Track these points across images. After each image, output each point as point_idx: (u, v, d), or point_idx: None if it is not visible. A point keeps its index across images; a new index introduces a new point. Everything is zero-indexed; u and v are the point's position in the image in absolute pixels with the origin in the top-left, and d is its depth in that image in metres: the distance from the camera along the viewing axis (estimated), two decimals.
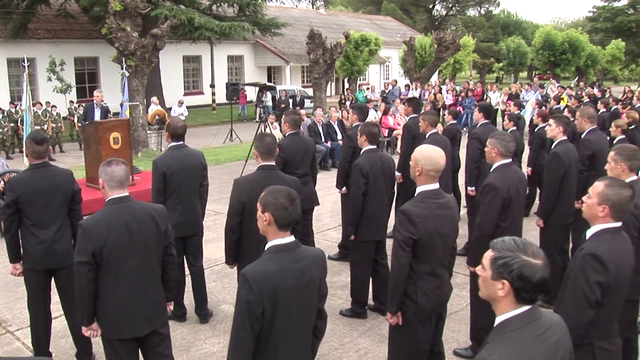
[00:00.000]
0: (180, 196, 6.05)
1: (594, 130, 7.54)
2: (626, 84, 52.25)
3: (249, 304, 2.91)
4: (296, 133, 6.91)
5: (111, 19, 17.44)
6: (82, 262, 3.87)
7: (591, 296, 3.21)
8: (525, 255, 2.20)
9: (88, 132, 11.99)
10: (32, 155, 5.14)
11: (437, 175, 4.04)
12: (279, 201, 3.06)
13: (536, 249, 2.24)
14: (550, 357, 2.19)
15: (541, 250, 2.25)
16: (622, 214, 3.33)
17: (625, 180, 4.55)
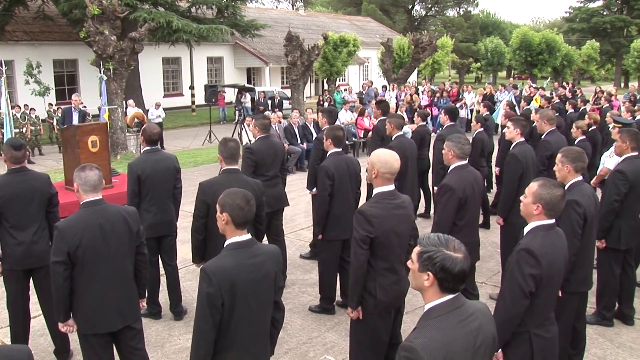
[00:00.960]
0: (154, 198, 6.30)
1: (553, 132, 7.88)
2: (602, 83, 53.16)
3: (209, 296, 3.19)
4: (266, 136, 7.17)
5: (89, 23, 17.57)
6: (58, 261, 4.12)
7: (525, 287, 3.51)
8: (447, 249, 2.48)
9: (67, 136, 12.13)
10: (10, 160, 5.38)
11: (392, 177, 4.31)
12: (235, 202, 3.34)
13: (457, 244, 2.52)
14: (470, 340, 2.48)
15: (462, 245, 2.54)
16: (554, 212, 3.64)
17: (571, 180, 4.90)
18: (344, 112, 20.05)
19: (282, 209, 7.61)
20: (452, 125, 8.76)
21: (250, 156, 6.93)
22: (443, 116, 8.88)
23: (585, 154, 5.09)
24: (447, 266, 2.44)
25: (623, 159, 6.23)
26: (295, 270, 8.13)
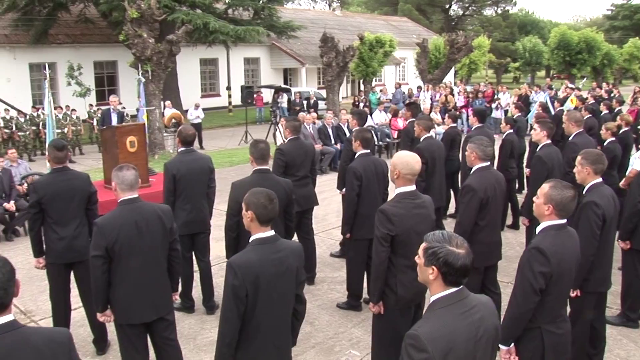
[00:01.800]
0: (188, 197, 6.57)
1: (581, 134, 7.94)
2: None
3: (234, 288, 3.41)
4: (296, 138, 7.39)
5: (128, 26, 18.03)
6: (96, 255, 4.40)
7: (535, 284, 3.66)
8: (450, 245, 2.65)
9: (106, 136, 12.52)
10: (53, 160, 5.71)
11: (413, 178, 4.49)
12: (259, 201, 3.56)
13: (460, 240, 2.69)
14: (472, 330, 2.65)
15: (466, 241, 2.71)
16: (565, 213, 3.77)
17: (591, 182, 5.02)
18: (379, 112, 20.21)
19: (311, 208, 7.79)
20: (481, 126, 8.88)
21: (281, 157, 7.17)
22: (472, 117, 9.01)
23: (605, 157, 5.18)
24: (450, 261, 2.61)
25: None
26: (325, 268, 8.33)
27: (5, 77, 27.23)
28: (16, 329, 2.54)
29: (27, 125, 20.13)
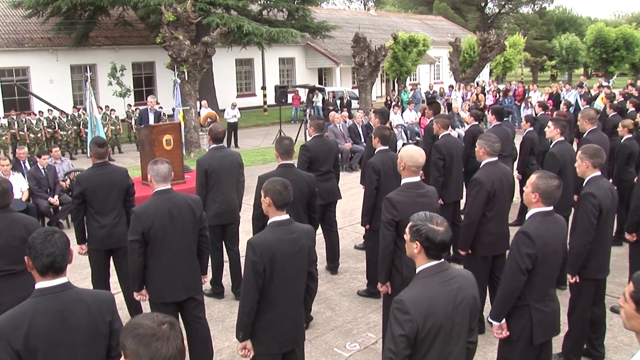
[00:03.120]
0: (219, 190, 7.08)
1: (595, 131, 8.23)
2: None
3: (253, 263, 3.89)
4: (320, 135, 7.86)
5: (165, 29, 18.70)
6: (134, 240, 4.92)
7: (522, 264, 4.05)
8: (430, 224, 3.08)
9: (143, 135, 13.14)
10: (95, 156, 6.29)
11: (417, 170, 4.93)
12: (275, 188, 4.03)
13: (440, 220, 3.11)
14: (451, 297, 3.07)
15: (445, 220, 3.13)
16: (550, 200, 4.16)
17: (590, 175, 5.38)
18: (409, 111, 20.55)
19: (335, 201, 8.23)
20: (499, 124, 9.22)
21: (306, 153, 7.64)
22: (490, 116, 9.35)
23: (603, 151, 5.53)
24: (431, 237, 3.04)
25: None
26: (349, 259, 8.76)
27: (48, 78, 28.25)
28: (70, 288, 3.06)
29: (69, 125, 20.96)
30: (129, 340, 2.07)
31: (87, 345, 3.01)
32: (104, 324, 3.07)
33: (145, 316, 2.16)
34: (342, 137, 16.12)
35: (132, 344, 2.06)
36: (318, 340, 6.30)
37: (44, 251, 2.97)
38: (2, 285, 4.51)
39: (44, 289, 3.00)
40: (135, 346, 2.05)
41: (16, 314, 2.92)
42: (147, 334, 2.06)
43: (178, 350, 2.09)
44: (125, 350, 2.09)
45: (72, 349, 2.97)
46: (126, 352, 2.08)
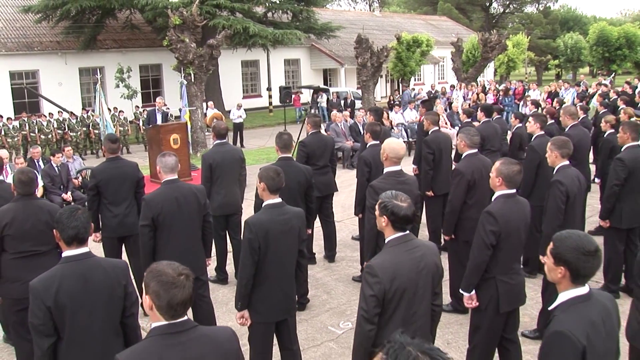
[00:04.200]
0: (223, 182, 7.63)
1: (575, 126, 8.73)
2: None
3: (250, 240, 4.44)
4: (317, 132, 8.40)
5: (171, 32, 19.28)
6: (144, 225, 5.48)
7: (487, 240, 4.58)
8: (396, 200, 3.59)
9: (151, 134, 13.74)
10: (108, 151, 6.86)
11: (398, 160, 5.47)
12: (269, 174, 4.58)
13: (404, 197, 3.63)
14: (414, 263, 3.59)
15: (409, 197, 3.65)
16: (512, 184, 4.68)
17: (559, 164, 5.90)
18: (409, 110, 21.02)
19: (331, 194, 8.75)
20: (487, 121, 9.74)
21: (303, 148, 8.19)
22: (479, 113, 9.87)
23: (571, 142, 6.06)
24: (395, 211, 3.56)
25: (624, 148, 7.11)
26: (346, 248, 9.29)
27: (57, 81, 28.88)
28: (92, 257, 3.63)
29: (79, 127, 21.57)
30: (153, 282, 2.63)
31: (105, 304, 3.58)
32: (120, 286, 3.63)
33: (169, 265, 2.72)
34: (344, 136, 16.65)
35: (155, 286, 2.62)
36: (314, 319, 6.84)
37: (70, 224, 3.52)
38: (28, 264, 5.06)
39: (69, 257, 3.56)
40: (157, 288, 2.61)
41: (47, 277, 3.48)
42: (168, 281, 2.62)
43: (189, 296, 2.65)
44: (147, 289, 2.65)
45: (93, 306, 3.53)
46: (148, 290, 2.64)
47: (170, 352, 2.57)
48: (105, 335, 3.60)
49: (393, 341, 1.81)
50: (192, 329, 2.68)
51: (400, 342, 1.79)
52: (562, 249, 2.90)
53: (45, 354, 3.45)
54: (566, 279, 2.90)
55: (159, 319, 2.64)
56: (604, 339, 2.81)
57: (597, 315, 2.84)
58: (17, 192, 5.20)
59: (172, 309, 2.59)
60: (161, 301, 2.59)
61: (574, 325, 2.75)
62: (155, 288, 2.61)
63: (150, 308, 2.65)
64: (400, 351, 1.76)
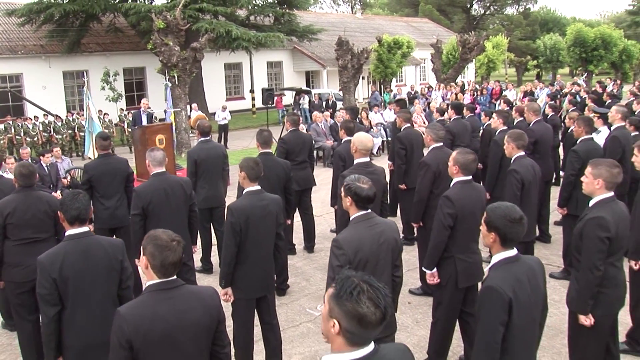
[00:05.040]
0: (207, 177, 8.13)
1: (539, 122, 9.30)
2: None
3: (232, 224, 4.93)
4: (296, 130, 8.92)
5: (155, 35, 19.71)
6: (135, 214, 5.97)
7: (444, 222, 5.10)
8: (358, 183, 4.09)
9: (137, 135, 14.12)
10: (100, 148, 7.36)
11: (367, 152, 5.99)
12: (249, 164, 5.09)
13: (365, 180, 4.13)
14: (375, 238, 4.08)
15: (370, 181, 4.16)
16: (468, 171, 5.20)
17: (515, 155, 6.44)
18: (388, 111, 21.58)
19: (310, 188, 9.25)
20: (458, 118, 10.30)
21: (283, 145, 8.70)
22: (450, 111, 10.43)
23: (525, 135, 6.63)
24: (358, 192, 4.06)
25: (579, 141, 7.68)
26: (324, 240, 9.78)
27: (41, 84, 29.14)
28: (91, 235, 4.10)
29: (64, 129, 21.95)
30: (149, 245, 3.13)
31: (104, 277, 4.07)
32: (117, 261, 4.13)
33: (163, 232, 3.23)
34: (324, 135, 17.17)
35: (151, 249, 3.12)
36: (294, 303, 7.35)
37: (72, 206, 4.01)
38: (29, 250, 5.50)
39: (72, 235, 4.05)
40: (152, 250, 3.11)
41: (53, 253, 3.97)
42: (162, 244, 3.12)
43: (179, 259, 3.17)
44: (145, 251, 3.15)
45: (93, 279, 4.02)
46: (145, 252, 3.14)
47: (163, 305, 3.07)
48: (104, 305, 4.08)
49: (341, 275, 2.31)
50: (180, 287, 3.18)
51: (346, 274, 2.29)
52: (492, 218, 3.44)
53: (52, 320, 3.94)
54: (497, 243, 3.44)
55: (153, 278, 3.15)
56: (529, 293, 3.35)
57: (523, 274, 3.38)
58: (18, 184, 5.66)
59: (164, 268, 3.09)
60: (155, 261, 3.08)
61: (501, 281, 3.28)
62: (151, 250, 3.10)
63: (146, 267, 3.15)
64: (346, 281, 2.25)
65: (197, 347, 3.18)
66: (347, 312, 2.17)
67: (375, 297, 2.18)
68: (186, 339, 3.11)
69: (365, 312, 2.15)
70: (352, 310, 2.16)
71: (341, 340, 2.22)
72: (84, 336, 4.05)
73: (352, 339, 2.20)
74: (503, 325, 3.26)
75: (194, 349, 3.16)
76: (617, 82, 29.44)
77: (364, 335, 2.21)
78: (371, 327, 2.18)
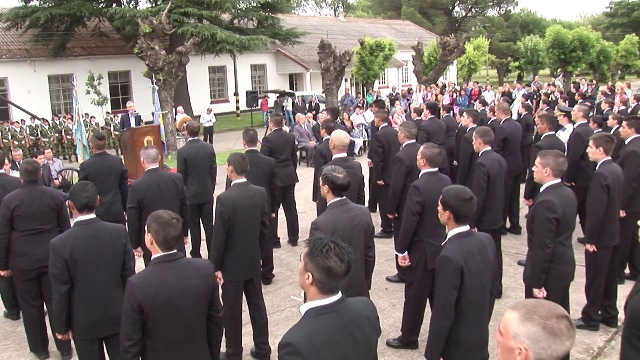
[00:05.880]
0: (196, 175, 8.63)
1: (508, 120, 9.88)
2: None
3: (221, 213, 5.45)
4: (279, 129, 9.45)
5: (142, 40, 20.17)
6: (131, 207, 6.48)
7: (413, 208, 5.64)
8: (334, 172, 4.61)
9: (126, 137, 14.57)
10: (95, 147, 7.85)
11: (344, 148, 6.51)
12: (236, 159, 5.61)
13: (341, 170, 4.65)
14: (349, 220, 4.60)
15: (345, 171, 4.68)
16: (434, 164, 5.75)
17: (482, 149, 7.00)
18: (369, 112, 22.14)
19: (293, 184, 9.78)
20: (433, 117, 10.87)
21: (267, 144, 9.22)
22: (425, 111, 11.00)
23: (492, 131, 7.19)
24: (334, 180, 4.58)
25: (542, 137, 8.28)
26: (307, 234, 10.24)
27: (26, 88, 29.36)
28: (98, 221, 4.62)
29: (51, 132, 22.33)
30: (153, 223, 3.65)
31: (109, 259, 4.59)
32: (121, 245, 4.64)
33: (164, 212, 3.75)
34: (307, 136, 17.69)
35: (155, 226, 3.64)
36: (279, 291, 7.88)
37: (82, 195, 4.52)
38: (34, 240, 5.98)
39: (81, 221, 4.56)
40: (157, 227, 3.63)
41: (64, 236, 4.49)
42: (165, 222, 3.65)
43: (179, 234, 3.70)
44: (149, 229, 3.66)
45: (100, 260, 4.53)
46: (150, 230, 3.65)
47: (167, 274, 3.60)
48: (109, 284, 4.61)
49: (313, 237, 2.86)
50: (180, 259, 3.73)
51: (317, 236, 2.83)
52: (446, 198, 3.99)
53: (62, 297, 4.45)
54: (451, 220, 3.99)
55: (157, 252, 3.67)
56: (479, 263, 3.89)
57: (474, 247, 3.93)
58: (23, 180, 6.14)
59: (167, 242, 3.61)
60: (159, 236, 3.60)
61: (454, 251, 3.84)
62: (155, 227, 3.61)
63: (150, 243, 3.66)
64: (317, 241, 2.79)
65: (197, 310, 3.72)
66: (318, 266, 2.71)
67: (340, 253, 2.72)
68: (187, 303, 3.64)
69: (333, 265, 2.69)
70: (322, 263, 2.70)
71: (314, 290, 2.76)
72: (90, 312, 4.57)
73: (322, 288, 2.74)
74: (456, 289, 3.82)
75: (194, 311, 3.70)
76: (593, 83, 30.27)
77: (332, 284, 2.75)
78: (338, 278, 2.72)
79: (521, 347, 2.10)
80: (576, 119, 9.15)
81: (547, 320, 2.07)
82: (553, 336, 2.06)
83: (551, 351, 2.07)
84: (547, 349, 2.07)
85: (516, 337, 2.12)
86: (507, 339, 2.16)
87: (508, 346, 2.16)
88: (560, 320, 2.08)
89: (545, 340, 2.06)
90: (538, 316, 2.09)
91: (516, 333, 2.12)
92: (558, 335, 2.06)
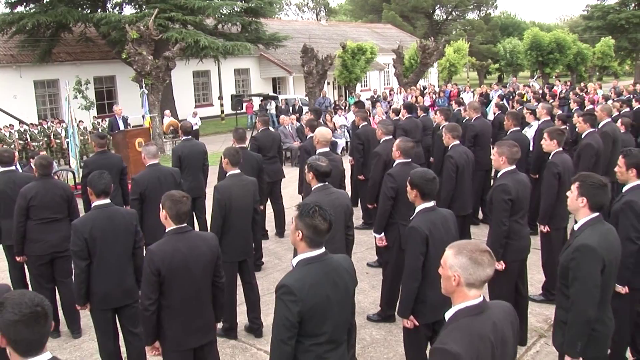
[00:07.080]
0: (190, 171, 9.32)
1: (479, 118, 10.61)
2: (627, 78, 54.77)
3: (218, 200, 6.13)
4: (266, 129, 10.14)
5: (129, 46, 20.77)
6: (134, 199, 7.15)
7: (388, 193, 6.34)
8: (318, 161, 5.30)
9: (117, 139, 15.21)
10: (97, 145, 8.50)
11: (327, 143, 7.19)
12: (230, 152, 6.30)
13: (324, 159, 5.34)
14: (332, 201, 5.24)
15: (327, 160, 5.37)
16: (407, 155, 6.47)
17: (452, 143, 7.73)
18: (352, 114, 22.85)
19: (280, 180, 10.47)
20: (410, 117, 11.61)
21: (255, 142, 9.92)
22: (402, 110, 11.74)
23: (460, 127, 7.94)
24: (317, 168, 5.26)
25: (509, 132, 9.04)
26: None
27: (12, 94, 29.57)
28: (113, 205, 5.27)
29: (40, 136, 22.82)
30: (167, 201, 4.34)
31: (123, 238, 5.26)
32: (132, 226, 5.33)
33: (176, 191, 4.47)
34: (291, 137, 18.38)
35: (168, 203, 4.34)
36: (268, 276, 8.57)
37: (99, 182, 5.18)
38: (48, 227, 6.60)
39: (98, 205, 5.24)
40: (170, 204, 4.33)
41: (85, 218, 5.17)
42: (177, 199, 4.35)
43: (188, 210, 4.41)
44: (164, 206, 4.35)
45: (115, 239, 5.21)
46: (164, 206, 4.34)
47: (179, 243, 4.30)
48: (122, 259, 5.29)
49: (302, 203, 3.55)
50: (190, 231, 4.44)
51: (305, 202, 3.54)
52: (413, 178, 4.71)
53: (82, 271, 5.12)
54: (418, 197, 4.71)
55: (171, 225, 4.37)
56: (443, 233, 4.62)
57: (438, 220, 4.65)
58: (38, 173, 6.79)
59: (179, 216, 4.30)
60: (172, 211, 4.29)
61: (420, 223, 4.56)
62: (169, 204, 4.30)
63: (165, 218, 4.35)
64: (305, 205, 3.49)
65: (205, 274, 4.45)
66: (306, 224, 3.41)
67: (324, 214, 3.43)
68: (197, 267, 4.36)
69: (318, 223, 3.39)
70: (310, 222, 3.40)
71: (303, 244, 3.46)
72: (106, 284, 5.24)
73: (310, 242, 3.44)
74: (422, 255, 4.55)
75: (202, 275, 4.42)
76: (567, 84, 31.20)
77: (318, 239, 3.45)
78: (322, 234, 3.43)
79: (455, 274, 2.84)
80: (540, 116, 9.91)
81: (473, 254, 2.82)
82: (477, 265, 2.81)
83: (476, 276, 2.81)
84: (473, 275, 2.81)
85: (451, 268, 2.87)
86: (446, 269, 2.91)
87: (446, 275, 2.91)
88: (483, 253, 2.83)
89: (472, 268, 2.81)
90: (467, 251, 2.85)
91: (451, 264, 2.87)
92: (481, 264, 2.81)
